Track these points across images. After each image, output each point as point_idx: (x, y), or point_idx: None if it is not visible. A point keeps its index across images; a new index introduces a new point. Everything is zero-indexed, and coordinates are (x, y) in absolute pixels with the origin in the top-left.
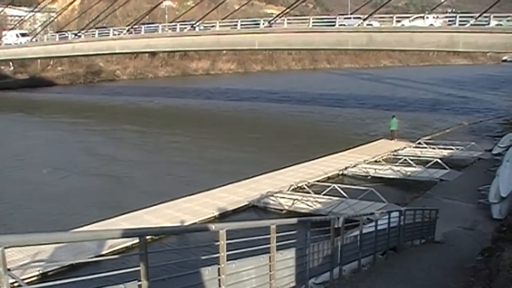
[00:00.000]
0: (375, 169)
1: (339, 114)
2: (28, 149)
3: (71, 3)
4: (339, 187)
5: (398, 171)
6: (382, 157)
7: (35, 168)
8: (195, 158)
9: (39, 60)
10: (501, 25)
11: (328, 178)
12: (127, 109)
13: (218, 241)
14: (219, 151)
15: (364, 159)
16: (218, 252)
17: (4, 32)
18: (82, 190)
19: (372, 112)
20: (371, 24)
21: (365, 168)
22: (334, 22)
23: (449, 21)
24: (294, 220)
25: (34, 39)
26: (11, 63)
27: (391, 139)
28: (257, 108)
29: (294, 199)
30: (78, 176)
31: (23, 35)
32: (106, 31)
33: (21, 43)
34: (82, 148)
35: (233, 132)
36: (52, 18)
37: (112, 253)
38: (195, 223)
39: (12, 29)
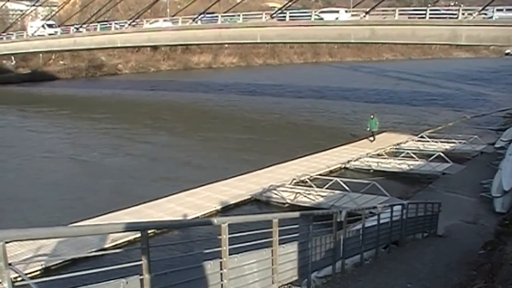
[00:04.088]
0: (377, 162)
1: (340, 108)
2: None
3: None
4: (341, 180)
5: (400, 164)
6: (385, 150)
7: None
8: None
9: (40, 54)
10: None
11: (331, 171)
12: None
13: (220, 235)
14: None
15: (367, 152)
16: (220, 246)
17: (30, 23)
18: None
19: (373, 106)
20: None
21: (367, 161)
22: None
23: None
24: (296, 214)
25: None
26: (12, 57)
27: (372, 141)
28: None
29: (296, 193)
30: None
31: (50, 26)
32: (108, 25)
33: (49, 34)
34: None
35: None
36: (54, 12)
37: (114, 247)
38: (197, 217)
39: (43, 19)
